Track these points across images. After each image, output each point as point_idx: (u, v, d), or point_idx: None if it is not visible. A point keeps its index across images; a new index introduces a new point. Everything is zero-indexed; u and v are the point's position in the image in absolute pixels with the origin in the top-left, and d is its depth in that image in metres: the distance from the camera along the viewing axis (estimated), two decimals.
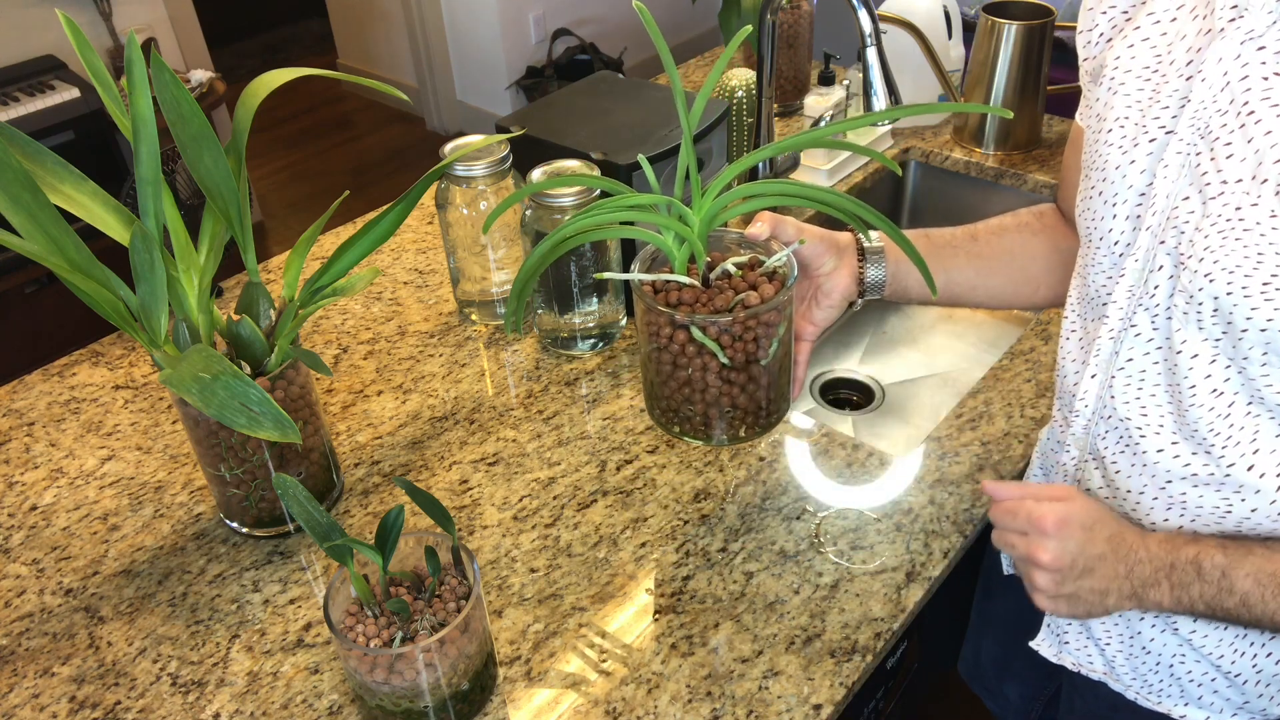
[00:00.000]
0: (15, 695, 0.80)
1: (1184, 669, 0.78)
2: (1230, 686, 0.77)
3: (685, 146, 0.73)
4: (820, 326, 0.84)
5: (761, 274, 0.75)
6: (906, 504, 0.93)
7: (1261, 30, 0.60)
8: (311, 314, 0.89)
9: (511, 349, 1.17)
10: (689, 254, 0.75)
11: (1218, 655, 0.76)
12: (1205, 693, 0.79)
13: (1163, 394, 0.70)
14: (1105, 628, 0.82)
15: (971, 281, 0.88)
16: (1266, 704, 0.77)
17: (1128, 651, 0.81)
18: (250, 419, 0.69)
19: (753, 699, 0.77)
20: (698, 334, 0.72)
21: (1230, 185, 0.61)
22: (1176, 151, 0.64)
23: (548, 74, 3.65)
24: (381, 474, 0.99)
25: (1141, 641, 0.80)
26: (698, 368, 0.74)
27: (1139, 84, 0.68)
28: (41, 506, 0.98)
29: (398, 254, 1.35)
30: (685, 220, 0.74)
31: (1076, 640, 0.86)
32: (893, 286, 0.86)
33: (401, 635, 0.70)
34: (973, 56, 1.51)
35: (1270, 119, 0.59)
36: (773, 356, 0.75)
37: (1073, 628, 0.86)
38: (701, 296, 0.74)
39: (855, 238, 0.85)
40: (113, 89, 0.80)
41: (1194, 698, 0.79)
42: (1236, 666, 0.76)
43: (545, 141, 1.14)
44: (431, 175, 0.84)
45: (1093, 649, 0.85)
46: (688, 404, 0.77)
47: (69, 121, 2.47)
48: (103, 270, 0.77)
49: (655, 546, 0.90)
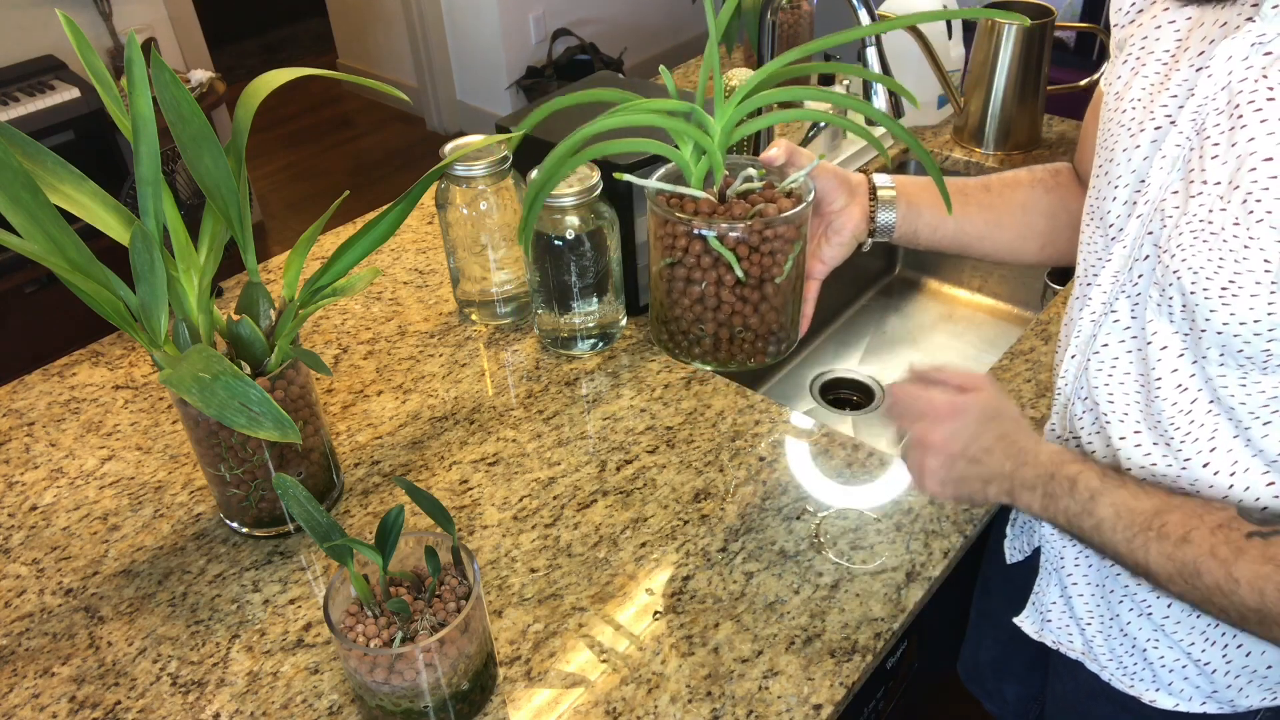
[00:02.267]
0: (15, 695, 0.80)
1: (1157, 654, 0.79)
2: (1200, 675, 0.77)
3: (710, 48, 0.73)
4: (829, 265, 0.85)
5: (779, 191, 0.76)
6: (906, 504, 0.93)
7: (1272, 36, 0.59)
8: (311, 314, 0.89)
9: (511, 349, 1.17)
10: (706, 170, 0.75)
11: (1189, 643, 0.76)
12: (1176, 679, 0.79)
13: (1132, 382, 0.71)
14: (1088, 608, 0.83)
15: (980, 231, 0.89)
16: (1234, 695, 0.77)
17: (1106, 633, 0.82)
18: (250, 419, 0.69)
19: (753, 699, 0.77)
20: (715, 244, 0.71)
21: (1209, 186, 0.61)
22: (1175, 144, 0.65)
23: (548, 74, 3.65)
24: (381, 474, 0.99)
25: (1119, 624, 0.80)
26: (711, 281, 0.73)
27: (1158, 67, 0.68)
28: (41, 506, 0.98)
29: (398, 254, 1.35)
30: (706, 130, 0.73)
31: (1059, 619, 0.87)
32: (902, 229, 0.87)
33: (401, 635, 0.70)
34: (973, 56, 1.51)
35: (1254, 126, 0.59)
36: (787, 275, 0.75)
37: (1056, 607, 0.86)
38: (718, 209, 0.74)
39: (868, 178, 0.86)
40: (113, 89, 0.80)
41: (1164, 683, 0.80)
42: (1207, 655, 0.76)
43: (545, 141, 1.14)
44: (431, 175, 0.84)
45: (1073, 628, 0.85)
46: (698, 324, 0.76)
47: (69, 121, 2.48)
48: (103, 270, 0.77)
49: (655, 546, 0.90)
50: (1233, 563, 0.60)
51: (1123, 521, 0.66)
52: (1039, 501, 0.70)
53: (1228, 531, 0.61)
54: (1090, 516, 0.67)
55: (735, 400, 1.07)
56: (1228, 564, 0.60)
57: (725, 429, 1.03)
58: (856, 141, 1.52)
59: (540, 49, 3.74)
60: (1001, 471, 0.72)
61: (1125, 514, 0.66)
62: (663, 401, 1.07)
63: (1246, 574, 0.60)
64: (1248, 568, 0.60)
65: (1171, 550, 0.63)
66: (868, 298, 1.68)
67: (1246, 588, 0.60)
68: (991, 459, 0.72)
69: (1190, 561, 0.62)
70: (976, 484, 0.73)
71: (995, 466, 0.72)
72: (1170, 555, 0.63)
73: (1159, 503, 0.65)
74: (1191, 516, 0.63)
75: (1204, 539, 0.62)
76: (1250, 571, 0.60)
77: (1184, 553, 0.62)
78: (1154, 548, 0.64)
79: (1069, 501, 0.68)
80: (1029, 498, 0.71)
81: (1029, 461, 0.71)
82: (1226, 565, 0.60)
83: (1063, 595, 0.85)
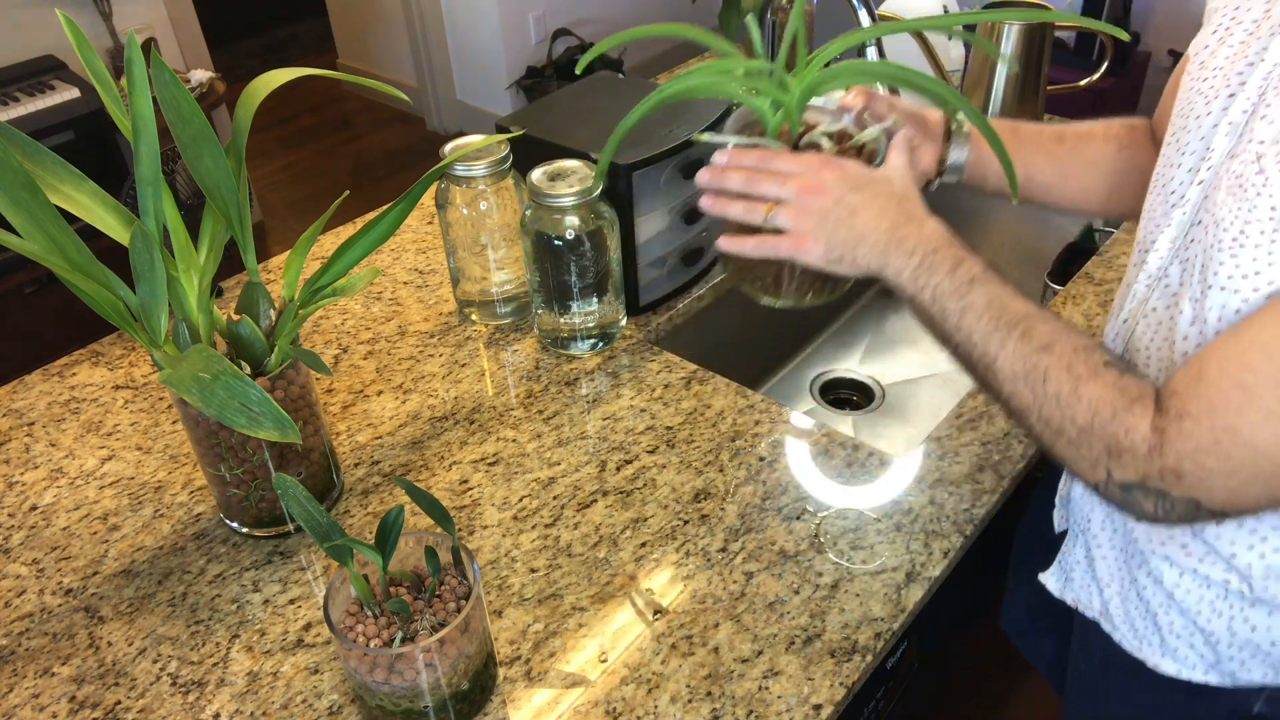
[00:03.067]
0: (15, 695, 0.80)
1: (1167, 620, 0.79)
2: (1205, 644, 0.77)
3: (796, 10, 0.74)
4: None
5: (850, 146, 0.77)
6: (906, 504, 0.93)
7: None
8: (311, 314, 0.89)
9: (511, 349, 1.17)
10: (782, 121, 0.76)
11: (1196, 611, 0.76)
12: (1182, 646, 0.79)
13: (1166, 350, 0.71)
14: (1109, 569, 0.84)
15: (1048, 181, 0.90)
16: (1236, 668, 0.77)
17: (1123, 596, 0.83)
18: (250, 419, 0.69)
19: (753, 699, 0.77)
20: None
21: (1251, 145, 0.62)
22: (1240, 109, 0.65)
23: (548, 74, 3.65)
24: (381, 474, 0.99)
25: (1136, 588, 0.81)
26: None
27: (1243, 36, 0.69)
28: (41, 506, 0.98)
29: (398, 254, 1.35)
30: (785, 88, 0.75)
31: (1081, 579, 0.87)
32: (972, 172, 0.88)
33: (401, 635, 0.70)
34: (973, 56, 1.51)
35: None
36: None
37: (1079, 567, 0.87)
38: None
39: (945, 118, 0.87)
40: (113, 89, 0.80)
41: (1171, 649, 0.80)
42: (1212, 625, 0.76)
43: (545, 141, 1.14)
44: (431, 175, 0.84)
45: (1093, 588, 0.86)
46: (763, 261, 0.78)
47: (69, 121, 2.47)
48: (103, 270, 0.77)
49: (655, 546, 0.90)
50: (1084, 380, 0.64)
51: (991, 313, 0.68)
52: (910, 269, 0.70)
53: (1088, 354, 0.65)
54: (960, 299, 0.69)
55: (735, 400, 1.07)
56: (1079, 380, 0.64)
57: (725, 429, 1.03)
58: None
59: (540, 49, 3.74)
60: (877, 230, 0.71)
61: (997, 307, 0.68)
62: (663, 401, 1.07)
63: (1091, 393, 0.63)
64: (1095, 389, 0.63)
65: (1029, 352, 0.66)
66: (868, 298, 1.68)
67: (1085, 405, 0.63)
68: (868, 214, 0.71)
69: (1042, 368, 0.65)
70: (847, 243, 0.72)
71: (871, 224, 0.71)
72: (1025, 356, 0.66)
73: (1031, 309, 0.68)
74: (1059, 331, 0.67)
75: (1064, 353, 0.65)
76: (1096, 394, 0.63)
77: (1040, 359, 0.65)
78: (1012, 345, 0.66)
79: (945, 279, 0.69)
80: (901, 263, 0.71)
81: (914, 228, 0.71)
82: (1077, 381, 0.64)
83: (1086, 556, 0.86)
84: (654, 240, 1.17)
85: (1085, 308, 1.19)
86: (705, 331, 1.32)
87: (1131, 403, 0.62)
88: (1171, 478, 0.61)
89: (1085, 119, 0.94)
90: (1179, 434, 0.60)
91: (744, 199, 0.75)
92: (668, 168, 1.14)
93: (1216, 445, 0.58)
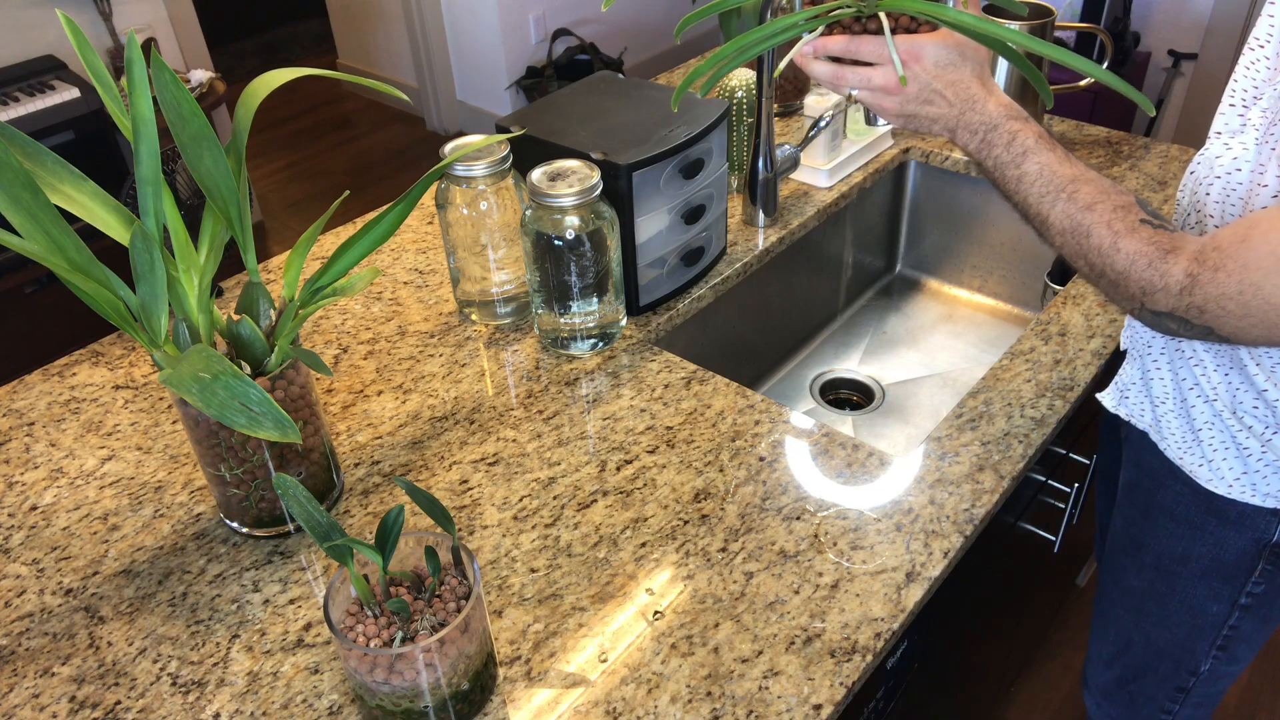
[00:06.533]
0: (15, 695, 0.80)
1: (1209, 435, 0.92)
2: (1238, 458, 0.90)
3: None
4: None
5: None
6: (906, 504, 0.93)
7: None
8: (311, 314, 0.89)
9: (511, 349, 1.17)
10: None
11: (1235, 429, 0.89)
12: (1217, 459, 0.92)
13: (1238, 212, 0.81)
14: (1164, 388, 0.95)
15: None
16: (1258, 480, 0.90)
17: (1177, 412, 0.94)
18: (250, 419, 0.69)
19: (753, 699, 0.77)
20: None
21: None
22: None
23: (548, 74, 3.65)
24: (381, 474, 0.99)
25: (1185, 407, 0.93)
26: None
27: None
28: (41, 506, 0.98)
29: (398, 254, 1.36)
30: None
31: (1136, 397, 0.99)
32: None
33: (401, 635, 0.70)
34: None
35: None
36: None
37: (1135, 387, 0.99)
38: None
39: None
40: (113, 89, 0.80)
41: (1207, 460, 0.93)
42: (1247, 443, 0.89)
43: (545, 141, 1.14)
44: (431, 175, 0.84)
45: (1146, 405, 0.98)
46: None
47: (69, 121, 2.47)
48: (103, 270, 0.77)
49: (655, 546, 0.90)
50: (1122, 236, 0.76)
51: (1043, 179, 0.79)
52: (975, 144, 0.83)
53: (1125, 212, 0.76)
54: (1016, 169, 0.81)
55: (735, 400, 1.07)
56: (1118, 236, 0.76)
57: (725, 429, 1.03)
58: (857, 141, 1.52)
59: (540, 49, 3.74)
60: (947, 115, 0.83)
61: (1047, 174, 0.79)
62: (663, 401, 1.07)
63: (1129, 247, 0.75)
64: (1132, 243, 0.75)
65: (1075, 212, 0.78)
66: (868, 298, 1.68)
67: (1123, 256, 0.75)
68: (940, 101, 0.82)
69: (1086, 225, 0.77)
70: (926, 122, 0.84)
71: (943, 108, 0.83)
72: (1072, 216, 0.78)
73: (1077, 172, 0.79)
74: (1100, 192, 0.78)
75: (1105, 212, 0.77)
76: (1133, 247, 0.75)
77: (1085, 217, 0.77)
78: (1060, 206, 0.79)
79: (1003, 152, 0.81)
80: (966, 138, 0.83)
81: (977, 110, 0.82)
82: (1116, 236, 0.76)
83: (1143, 377, 0.98)
84: (654, 240, 1.17)
85: (1085, 308, 1.19)
86: (705, 331, 1.32)
87: (1165, 253, 0.74)
88: (1195, 312, 0.73)
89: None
90: (1211, 281, 0.71)
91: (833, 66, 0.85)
92: (668, 168, 1.14)
93: (1240, 295, 0.70)
